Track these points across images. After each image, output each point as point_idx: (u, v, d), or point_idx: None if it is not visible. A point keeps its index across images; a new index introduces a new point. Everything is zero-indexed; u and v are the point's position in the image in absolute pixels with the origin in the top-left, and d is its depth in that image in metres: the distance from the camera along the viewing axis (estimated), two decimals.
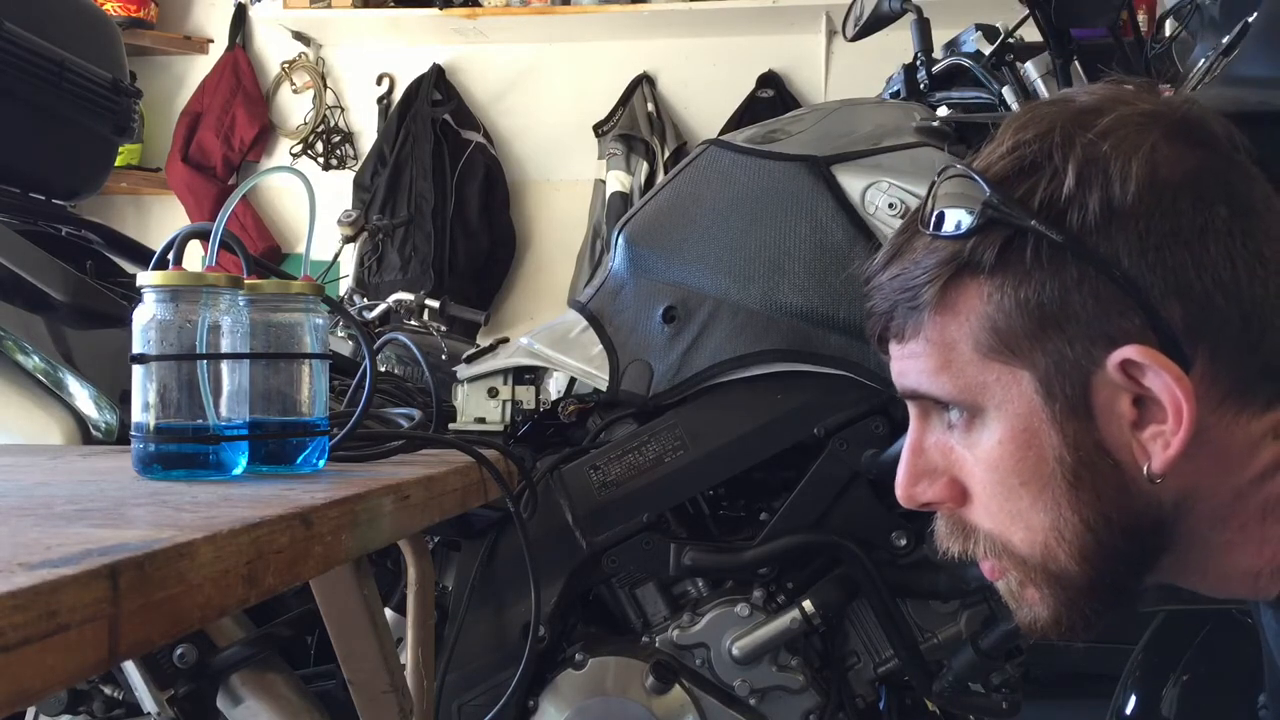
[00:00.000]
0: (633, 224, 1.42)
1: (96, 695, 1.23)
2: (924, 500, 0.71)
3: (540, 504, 1.27)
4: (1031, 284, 0.63)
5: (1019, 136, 0.65)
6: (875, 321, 0.71)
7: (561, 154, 3.77)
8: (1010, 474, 0.66)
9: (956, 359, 0.66)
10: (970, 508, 0.70)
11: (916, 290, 0.66)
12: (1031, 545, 0.67)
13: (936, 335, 0.67)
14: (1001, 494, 0.67)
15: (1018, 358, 0.64)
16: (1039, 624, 0.70)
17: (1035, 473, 0.65)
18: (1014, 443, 0.65)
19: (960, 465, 0.69)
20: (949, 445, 0.70)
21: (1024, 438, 0.65)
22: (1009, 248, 0.63)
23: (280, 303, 0.86)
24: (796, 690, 1.31)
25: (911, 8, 1.50)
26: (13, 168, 1.39)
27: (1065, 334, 0.63)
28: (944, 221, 0.65)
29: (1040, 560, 0.67)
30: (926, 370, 0.68)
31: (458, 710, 1.33)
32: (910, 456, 0.71)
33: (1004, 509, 0.67)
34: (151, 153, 3.91)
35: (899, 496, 0.72)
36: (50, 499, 0.67)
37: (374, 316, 2.43)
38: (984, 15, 1.53)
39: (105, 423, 1.17)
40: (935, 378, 0.67)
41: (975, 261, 0.64)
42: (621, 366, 1.36)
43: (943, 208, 0.66)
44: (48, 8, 1.42)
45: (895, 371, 0.71)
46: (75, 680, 0.48)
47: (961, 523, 0.71)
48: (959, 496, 0.70)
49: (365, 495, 0.75)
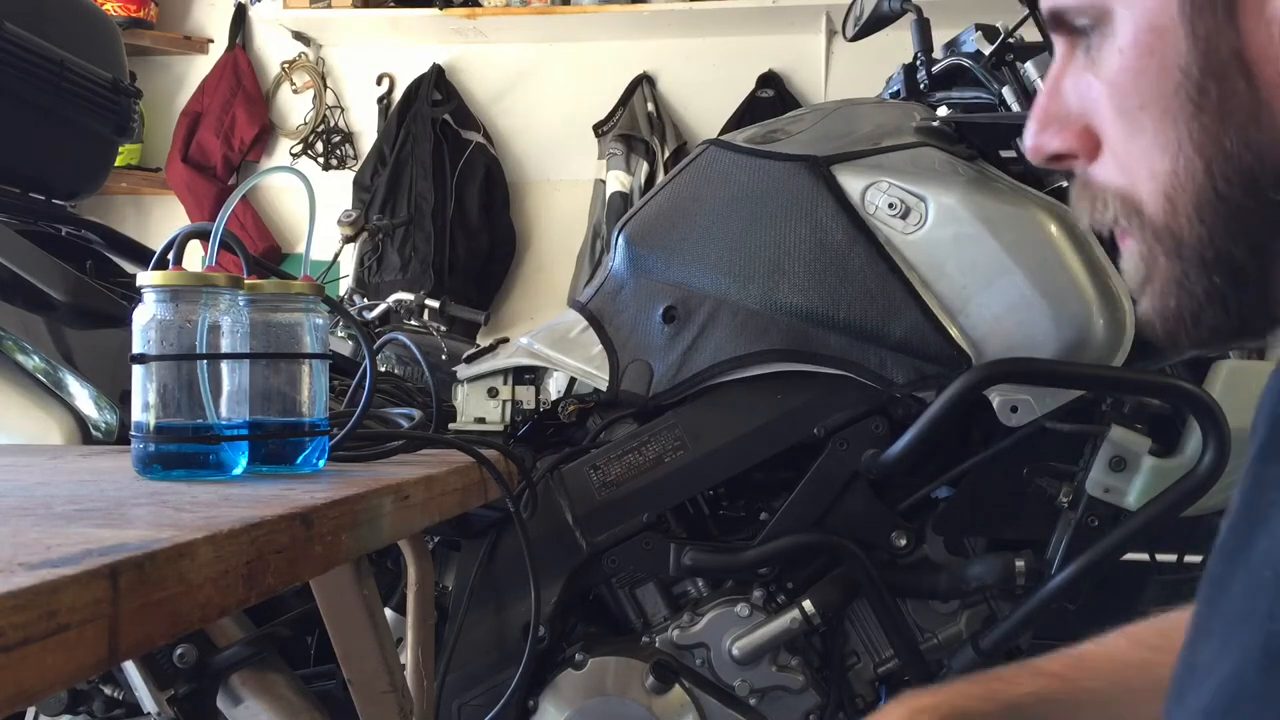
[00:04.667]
0: (633, 224, 1.42)
1: (96, 695, 1.23)
2: (1051, 150, 0.60)
3: (540, 504, 1.27)
4: None
5: None
6: None
7: (561, 154, 3.77)
8: (1130, 93, 0.55)
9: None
10: (1101, 161, 0.59)
11: None
12: (1155, 197, 0.55)
13: None
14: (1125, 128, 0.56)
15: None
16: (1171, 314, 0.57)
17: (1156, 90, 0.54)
18: (1135, 49, 0.54)
19: (1095, 107, 0.58)
20: (1088, 83, 0.58)
21: (1147, 41, 0.54)
22: None
23: (280, 303, 0.86)
24: (796, 690, 1.32)
25: (911, 8, 1.50)
26: (13, 168, 1.39)
27: None
28: None
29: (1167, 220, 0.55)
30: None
31: (458, 710, 1.33)
32: (1043, 99, 0.60)
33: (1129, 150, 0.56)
34: (151, 153, 3.91)
35: (1026, 147, 0.61)
36: (50, 499, 0.67)
37: (374, 316, 2.43)
38: (984, 15, 1.53)
39: (105, 423, 1.17)
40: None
41: None
42: (621, 366, 1.36)
43: None
44: (48, 8, 1.42)
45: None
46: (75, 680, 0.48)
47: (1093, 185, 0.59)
48: (1091, 149, 0.59)
49: (365, 495, 0.75)
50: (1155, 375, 1.22)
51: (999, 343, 1.22)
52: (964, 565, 1.30)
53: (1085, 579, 1.21)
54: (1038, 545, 1.29)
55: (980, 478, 1.29)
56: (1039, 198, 1.26)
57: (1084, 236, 1.22)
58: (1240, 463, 1.19)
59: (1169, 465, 1.20)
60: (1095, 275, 1.21)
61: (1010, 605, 1.29)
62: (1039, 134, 0.59)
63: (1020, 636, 1.28)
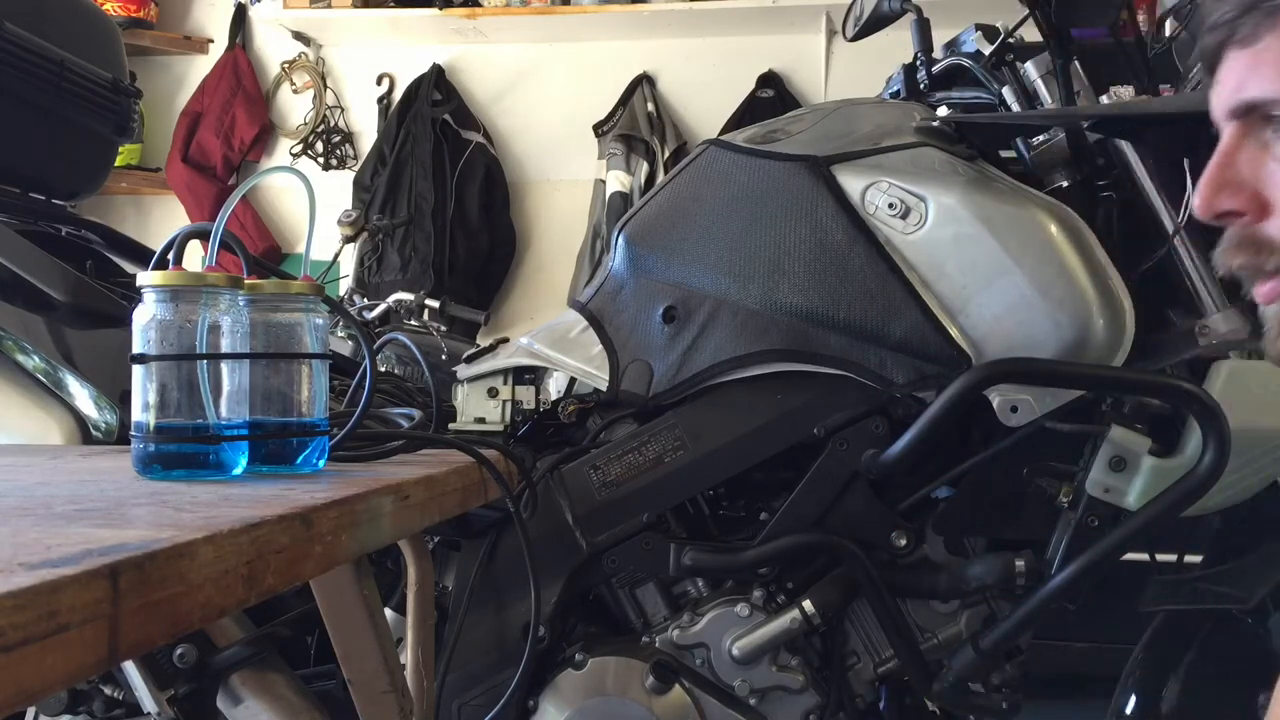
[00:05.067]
0: (633, 224, 1.42)
1: (96, 695, 1.23)
2: (1224, 209, 0.70)
3: (540, 504, 1.27)
4: None
5: None
6: (1216, 34, 0.69)
7: (561, 154, 3.77)
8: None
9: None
10: (1270, 221, 0.69)
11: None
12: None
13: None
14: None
15: None
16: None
17: None
18: None
19: (1271, 180, 0.69)
20: (1262, 161, 0.69)
21: None
22: None
23: (280, 303, 0.86)
24: (796, 690, 1.32)
25: (911, 8, 1.50)
26: (13, 168, 1.39)
27: None
28: None
29: None
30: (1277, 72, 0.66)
31: (458, 710, 1.33)
32: (1217, 168, 0.70)
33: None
34: (151, 153, 3.91)
35: (1197, 206, 0.71)
36: (50, 499, 0.67)
37: (374, 316, 2.43)
38: (984, 15, 1.53)
39: (105, 423, 1.17)
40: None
41: None
42: (621, 366, 1.36)
43: None
44: (48, 8, 1.42)
45: (1232, 85, 0.70)
46: (75, 680, 0.48)
47: (1256, 238, 0.70)
48: (1259, 211, 0.69)
49: (365, 495, 0.75)
50: (1155, 375, 1.22)
51: (999, 343, 1.22)
52: (964, 565, 1.30)
53: (1085, 579, 1.21)
54: (1038, 545, 1.29)
55: (980, 478, 1.29)
56: (1039, 198, 1.26)
57: (1084, 236, 1.22)
58: (1240, 462, 1.19)
59: (1169, 465, 1.20)
60: (1095, 275, 1.21)
61: (1010, 605, 1.29)
62: (1213, 195, 0.70)
63: (1020, 636, 1.28)
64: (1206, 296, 1.23)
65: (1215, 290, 1.23)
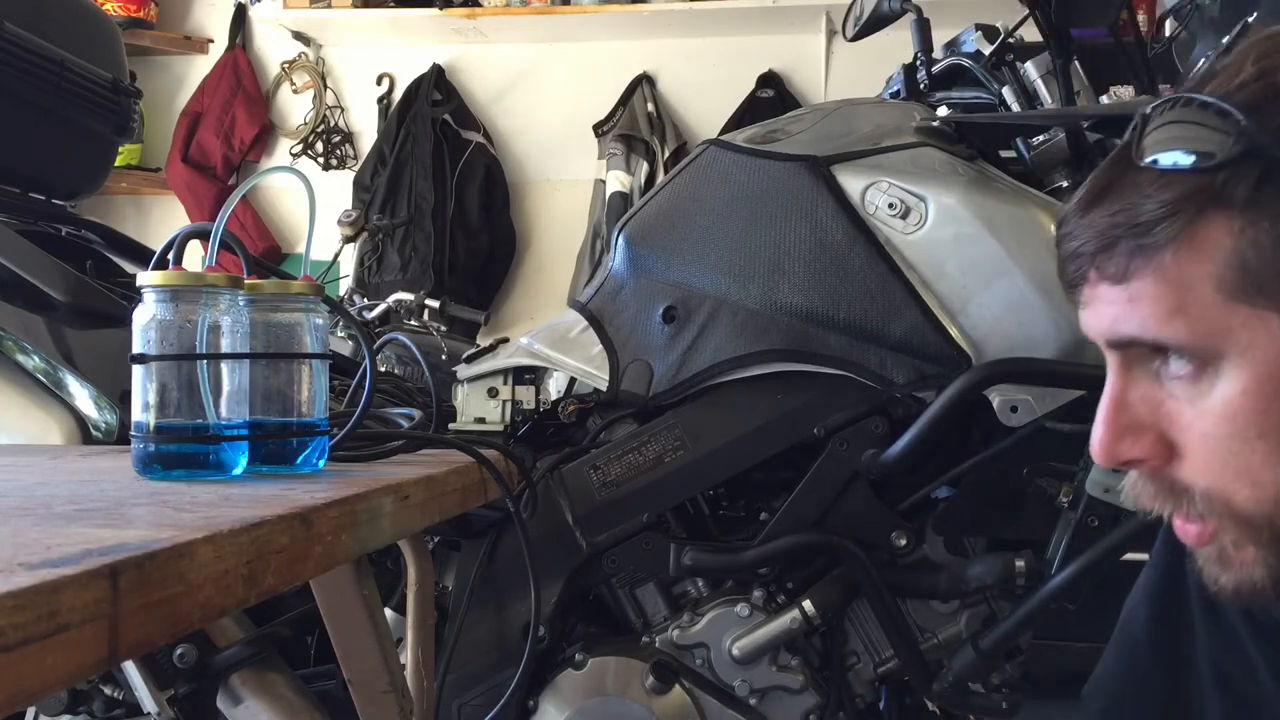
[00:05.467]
0: (633, 224, 1.42)
1: (96, 695, 1.23)
2: (1127, 458, 0.65)
3: (540, 504, 1.27)
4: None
5: (1265, 63, 0.60)
6: (1079, 263, 0.64)
7: (561, 154, 3.77)
8: (1248, 426, 0.61)
9: (1195, 301, 0.60)
10: (1179, 464, 0.65)
11: (1148, 226, 0.60)
12: (1258, 502, 0.62)
13: (1174, 274, 0.60)
14: (1231, 448, 0.62)
15: (1267, 299, 0.59)
16: (1253, 586, 0.64)
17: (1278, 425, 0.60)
18: (1258, 392, 0.60)
19: (1171, 420, 0.64)
20: (1158, 398, 0.64)
21: (1270, 387, 0.60)
22: (1266, 181, 0.58)
23: (280, 303, 0.86)
24: (796, 690, 1.31)
25: (911, 8, 1.50)
26: (13, 168, 1.39)
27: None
28: (1179, 154, 0.60)
29: (1268, 517, 0.62)
30: (1156, 314, 0.61)
31: (458, 710, 1.33)
32: (1112, 413, 0.65)
33: (1229, 464, 0.62)
34: (151, 153, 3.91)
35: (1097, 454, 0.66)
36: (50, 499, 0.67)
37: (374, 316, 2.43)
38: (984, 15, 1.53)
39: (105, 423, 1.17)
40: (1167, 322, 0.61)
41: (1225, 195, 0.59)
42: (621, 366, 1.36)
43: (1177, 140, 0.60)
44: (48, 8, 1.42)
45: (1107, 318, 0.65)
46: (75, 680, 0.48)
47: (1170, 481, 0.65)
48: (1165, 453, 0.65)
49: (365, 495, 0.75)
50: None
51: (999, 343, 1.22)
52: (964, 565, 1.30)
53: (1085, 579, 1.21)
54: (1038, 545, 1.29)
55: (980, 478, 1.29)
56: (1039, 198, 1.26)
57: None
58: None
59: None
60: None
61: (1010, 605, 1.29)
62: (1114, 444, 0.65)
63: (1020, 636, 1.28)
64: None
65: None
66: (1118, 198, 0.62)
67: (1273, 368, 0.60)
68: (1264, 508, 0.62)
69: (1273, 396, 0.60)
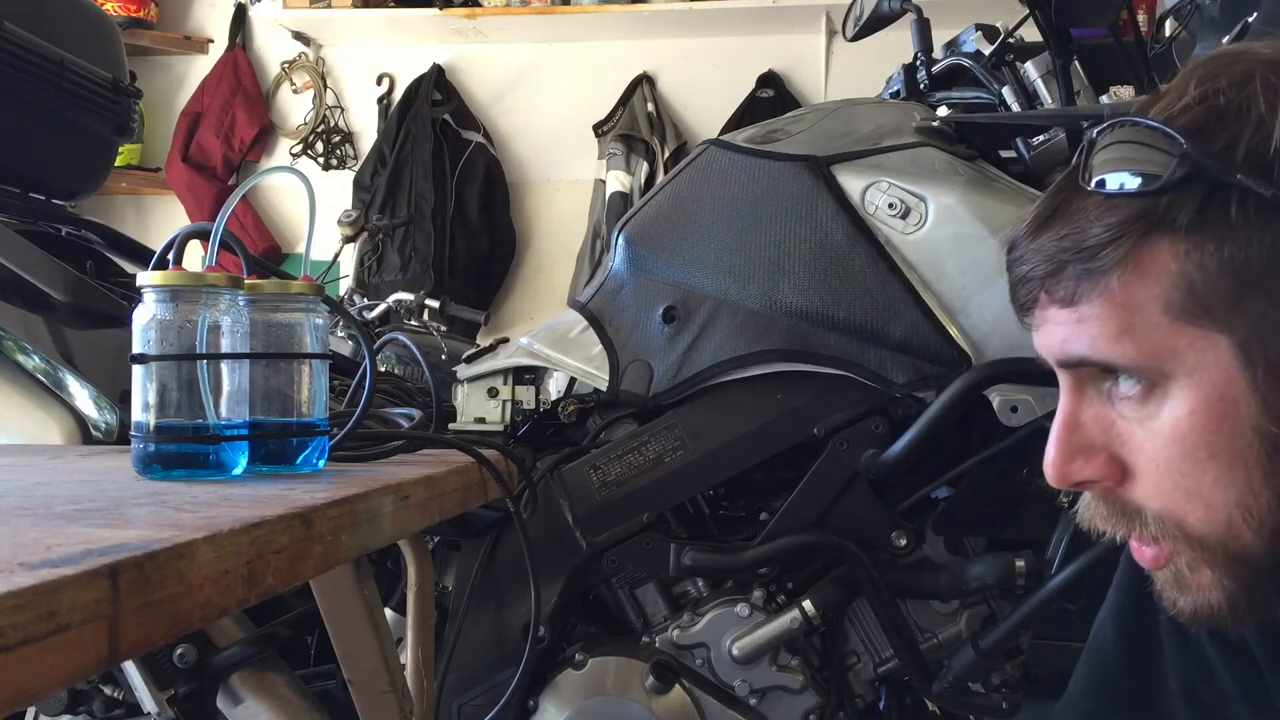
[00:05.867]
0: (633, 224, 1.42)
1: (96, 695, 1.23)
2: (1079, 479, 0.66)
3: (540, 504, 1.27)
4: (1236, 242, 0.58)
5: (1207, 86, 0.60)
6: (1029, 287, 0.66)
7: (561, 154, 3.77)
8: (1198, 447, 0.61)
9: (1142, 322, 0.61)
10: (1132, 486, 0.65)
11: (1095, 250, 0.61)
12: (1211, 524, 0.62)
13: (1120, 297, 0.61)
14: (1181, 469, 0.62)
15: (1213, 321, 0.59)
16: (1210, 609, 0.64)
17: (1228, 445, 0.60)
18: (1206, 413, 0.60)
19: (1123, 440, 0.64)
20: (1109, 419, 0.65)
21: (1219, 408, 0.60)
22: (1209, 204, 0.58)
23: (280, 303, 0.86)
24: (796, 690, 1.31)
25: (911, 8, 1.50)
26: (13, 168, 1.39)
27: (1267, 294, 0.58)
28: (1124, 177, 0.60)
29: (1221, 539, 0.62)
30: (1104, 335, 0.62)
31: (458, 710, 1.33)
32: (1064, 433, 0.65)
33: (1180, 485, 0.62)
34: (151, 153, 3.91)
35: (1050, 476, 0.66)
36: (50, 499, 0.67)
37: (374, 316, 2.43)
38: (984, 15, 1.53)
39: (105, 423, 1.17)
40: (1115, 343, 0.62)
41: (1169, 219, 0.59)
42: (621, 366, 1.36)
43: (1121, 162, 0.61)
44: (48, 8, 1.42)
45: (1057, 339, 0.65)
46: (75, 680, 0.48)
47: (1122, 503, 0.66)
48: (1118, 474, 0.65)
49: (365, 495, 0.75)
50: None
51: (999, 343, 1.22)
52: (964, 565, 1.30)
53: (1085, 579, 1.21)
54: (1038, 545, 1.29)
55: (980, 478, 1.29)
56: (1039, 198, 1.26)
57: None
58: None
59: None
60: None
61: (1010, 605, 1.29)
62: (1064, 465, 0.65)
63: (1020, 636, 1.28)
64: None
65: None
66: (1065, 222, 0.63)
67: (1220, 389, 0.60)
68: (1216, 530, 0.62)
69: (1221, 418, 0.60)
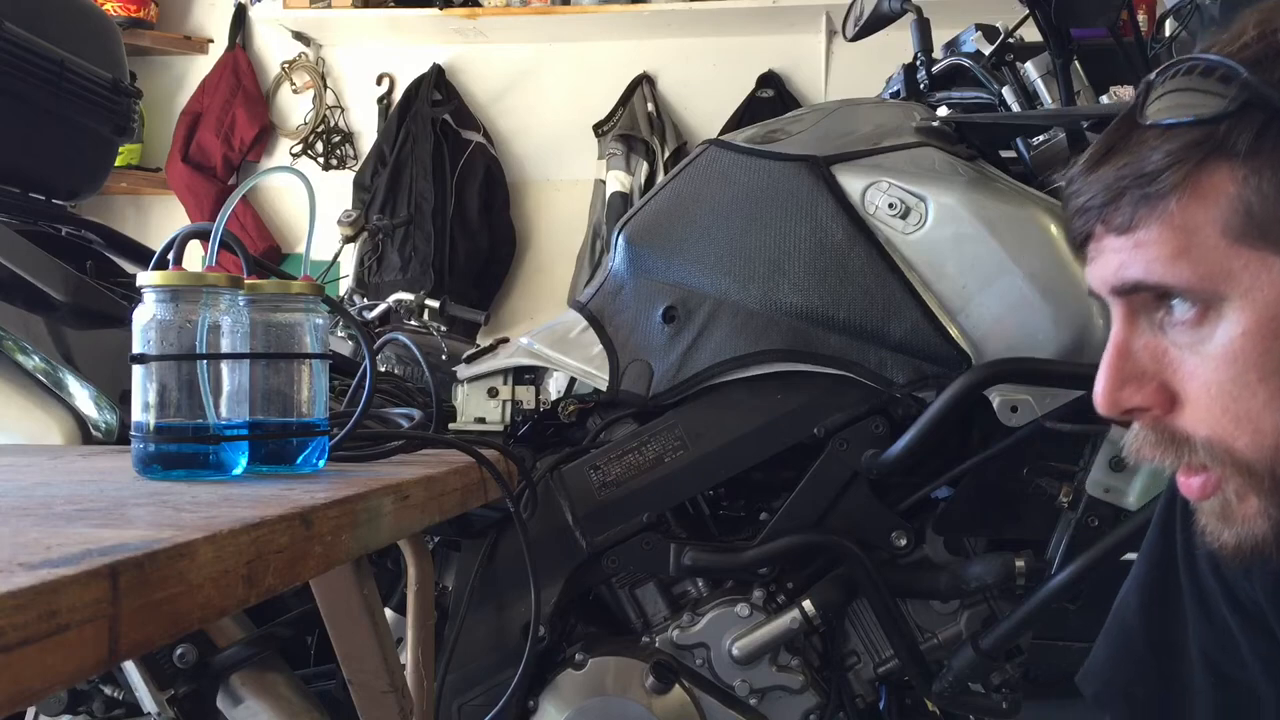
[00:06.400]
0: (633, 224, 1.42)
1: (96, 695, 1.23)
2: (1129, 406, 0.67)
3: (540, 504, 1.27)
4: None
5: (1265, 26, 0.63)
6: (1086, 218, 0.67)
7: (561, 154, 3.77)
8: (1249, 369, 0.62)
9: (1199, 244, 0.62)
10: (1181, 414, 0.66)
11: (1153, 176, 0.63)
12: (1260, 449, 0.63)
13: (1179, 220, 0.62)
14: (1232, 393, 0.63)
15: (1269, 243, 0.61)
16: (1255, 540, 0.65)
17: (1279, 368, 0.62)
18: (1259, 334, 0.62)
19: (1174, 368, 0.66)
20: (1161, 347, 0.66)
21: (1271, 328, 0.61)
22: (1267, 131, 0.61)
23: (280, 303, 0.86)
24: (796, 690, 1.32)
25: (911, 8, 1.50)
26: (13, 168, 1.39)
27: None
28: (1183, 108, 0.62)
29: (1269, 464, 0.63)
30: (1161, 258, 0.63)
31: (458, 710, 1.33)
32: (1115, 360, 0.67)
33: (1230, 410, 0.64)
34: (151, 153, 3.91)
35: (1099, 403, 0.67)
36: (50, 499, 0.67)
37: (374, 316, 2.43)
38: (984, 15, 1.53)
39: (105, 423, 1.17)
40: (1171, 265, 0.63)
41: (1228, 145, 0.61)
42: (621, 366, 1.36)
43: (1180, 94, 0.62)
44: (48, 8, 1.42)
45: (1112, 266, 0.66)
46: (75, 680, 0.48)
47: (1171, 431, 0.67)
48: (1167, 402, 0.66)
49: (365, 495, 0.75)
50: None
51: (999, 343, 1.22)
52: (964, 565, 1.30)
53: (1085, 579, 1.21)
54: (1038, 545, 1.29)
55: (980, 478, 1.29)
56: (1039, 198, 1.26)
57: None
58: None
59: None
60: None
61: (1010, 605, 1.29)
62: (1115, 392, 0.66)
63: (1020, 636, 1.28)
64: None
65: None
66: (1123, 154, 0.64)
67: (1274, 309, 0.61)
68: (1265, 454, 0.63)
69: (1273, 338, 0.61)
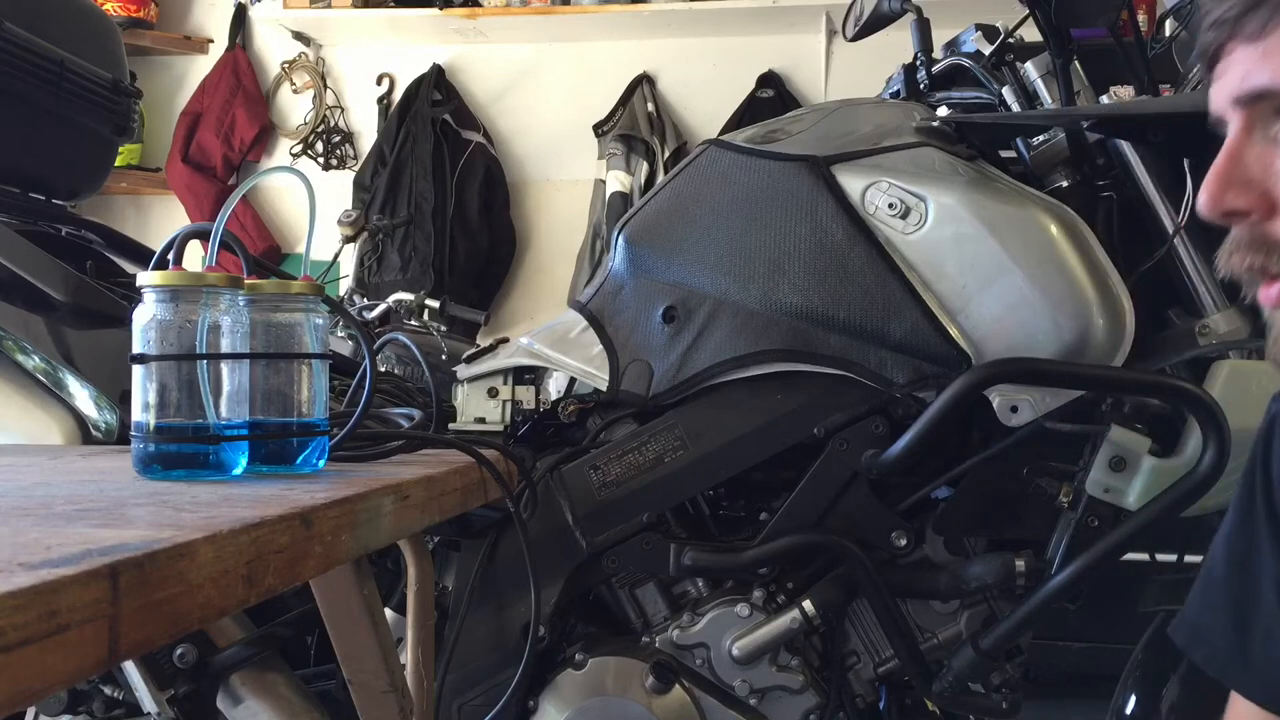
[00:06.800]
0: (633, 224, 1.42)
1: (96, 695, 1.23)
2: (1231, 208, 0.69)
3: (540, 504, 1.27)
4: None
5: None
6: (1220, 30, 0.68)
7: (561, 154, 3.77)
8: None
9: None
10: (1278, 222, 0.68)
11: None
12: None
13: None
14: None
15: None
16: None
17: None
18: None
19: None
20: (1272, 158, 0.68)
21: None
22: None
23: (280, 303, 0.86)
24: (796, 690, 1.32)
25: (911, 8, 1.50)
26: (13, 168, 1.39)
27: None
28: None
29: None
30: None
31: (458, 710, 1.33)
32: (1226, 164, 0.68)
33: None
34: (151, 153, 3.91)
35: (1203, 204, 0.69)
36: (50, 499, 0.67)
37: (374, 316, 2.43)
38: (984, 15, 1.53)
39: (105, 423, 1.17)
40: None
41: None
42: (621, 366, 1.36)
43: None
44: (48, 8, 1.42)
45: (1238, 76, 0.68)
46: (75, 680, 0.48)
47: (1264, 236, 0.69)
48: (1267, 209, 0.68)
49: (365, 495, 0.75)
50: (1155, 375, 1.22)
51: (999, 343, 1.22)
52: (964, 565, 1.30)
53: (1085, 579, 1.21)
54: (1038, 545, 1.29)
55: (980, 478, 1.29)
56: (1039, 198, 1.26)
57: (1084, 237, 1.22)
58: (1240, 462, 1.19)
59: (1169, 465, 1.20)
60: (1095, 275, 1.21)
61: (1010, 605, 1.29)
62: (1221, 191, 0.68)
63: (1020, 636, 1.28)
64: (1206, 296, 1.23)
65: (1215, 290, 1.23)
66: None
67: None
68: None
69: None
